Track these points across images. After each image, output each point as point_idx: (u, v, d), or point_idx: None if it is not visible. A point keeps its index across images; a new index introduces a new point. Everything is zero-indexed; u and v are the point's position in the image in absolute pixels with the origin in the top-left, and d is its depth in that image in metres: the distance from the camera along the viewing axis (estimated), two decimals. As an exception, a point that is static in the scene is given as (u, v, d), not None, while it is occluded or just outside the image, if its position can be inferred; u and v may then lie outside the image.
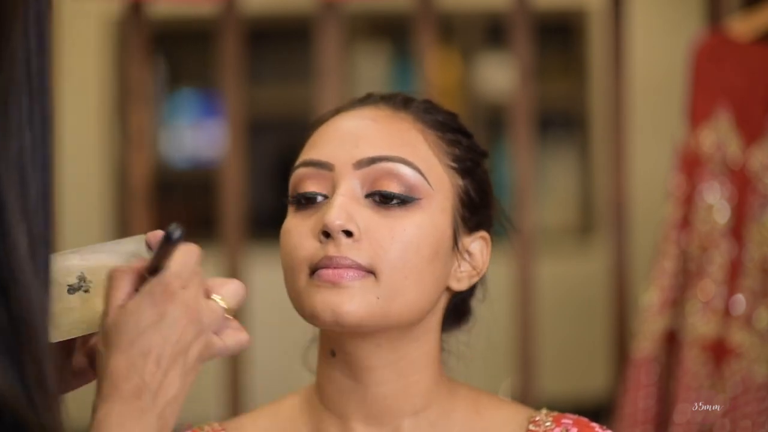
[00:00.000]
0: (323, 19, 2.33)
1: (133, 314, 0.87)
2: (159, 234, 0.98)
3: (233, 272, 2.34)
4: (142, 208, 2.34)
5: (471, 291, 1.10)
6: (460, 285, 1.06)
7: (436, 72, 2.35)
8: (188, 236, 0.90)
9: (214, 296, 0.90)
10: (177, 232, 0.88)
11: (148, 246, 0.98)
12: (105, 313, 0.88)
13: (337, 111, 1.08)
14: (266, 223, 3.91)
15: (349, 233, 0.99)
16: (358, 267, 0.99)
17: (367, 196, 1.01)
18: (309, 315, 1.00)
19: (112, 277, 0.90)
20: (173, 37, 4.37)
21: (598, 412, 2.08)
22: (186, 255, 0.90)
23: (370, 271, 0.99)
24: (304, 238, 1.01)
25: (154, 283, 0.88)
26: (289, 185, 1.05)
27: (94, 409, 0.86)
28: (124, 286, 0.89)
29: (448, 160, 1.05)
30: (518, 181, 2.31)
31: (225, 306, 0.91)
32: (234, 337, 0.92)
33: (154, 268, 0.89)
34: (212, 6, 2.51)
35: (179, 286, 0.88)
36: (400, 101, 1.07)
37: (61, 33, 2.41)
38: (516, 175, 2.32)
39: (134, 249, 0.97)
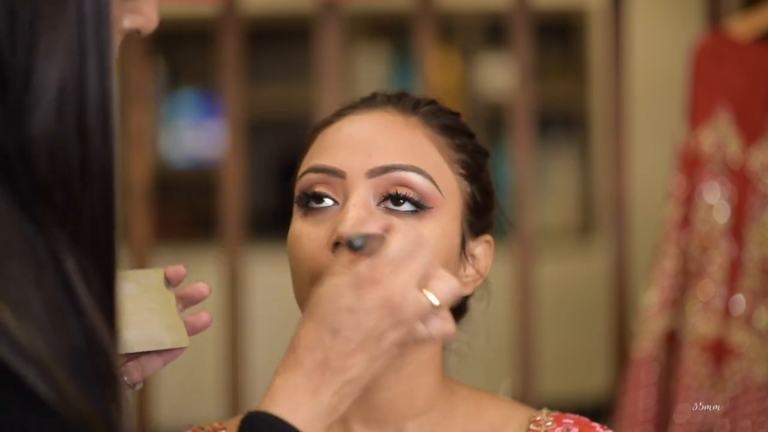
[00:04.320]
0: (323, 19, 2.33)
1: (335, 290, 0.89)
2: (179, 269, 1.00)
3: (233, 272, 2.34)
4: (142, 208, 2.34)
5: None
6: (466, 289, 1.05)
7: (436, 72, 2.35)
8: (188, 236, 0.91)
9: (426, 291, 0.90)
10: (358, 241, 0.89)
11: (167, 279, 0.98)
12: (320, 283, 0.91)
13: (341, 113, 1.06)
14: (266, 223, 3.91)
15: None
16: None
17: (380, 204, 1.00)
18: None
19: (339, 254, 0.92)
20: (173, 37, 4.37)
21: (598, 412, 2.07)
22: (404, 240, 0.90)
23: None
24: (316, 248, 0.99)
25: (363, 266, 0.89)
26: (294, 190, 1.03)
27: (276, 375, 0.88)
28: (341, 261, 0.91)
29: (459, 168, 1.04)
30: (518, 181, 2.31)
31: (436, 302, 0.90)
32: (439, 326, 0.91)
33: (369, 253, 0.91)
34: (212, 6, 2.51)
35: (388, 272, 0.88)
36: (409, 105, 1.05)
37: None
38: (516, 175, 2.32)
39: (153, 280, 0.98)
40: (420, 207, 1.00)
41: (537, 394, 2.30)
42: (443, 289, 0.91)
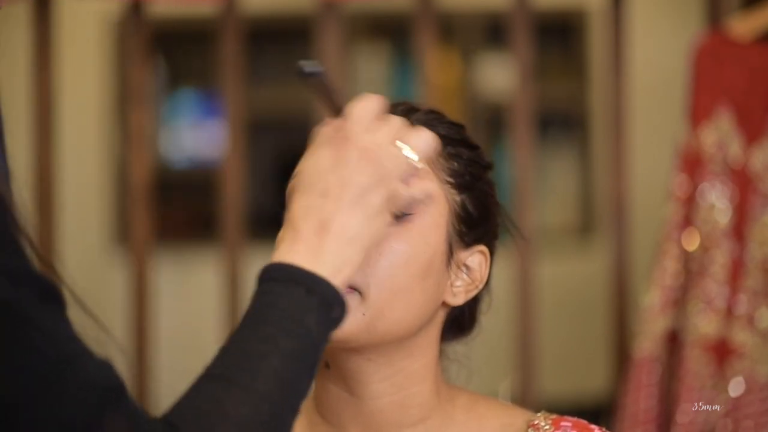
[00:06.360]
0: (323, 19, 2.32)
1: (312, 158, 0.90)
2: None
3: (233, 272, 2.34)
4: (142, 208, 2.34)
5: (473, 303, 1.07)
6: (456, 299, 1.04)
7: (436, 72, 2.35)
8: (188, 236, 0.90)
9: (400, 143, 0.90)
10: (308, 67, 0.89)
11: None
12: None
13: None
14: (266, 223, 3.91)
15: None
16: None
17: None
18: None
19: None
20: (173, 37, 4.37)
21: (599, 412, 2.07)
22: (369, 102, 0.91)
23: (355, 289, 0.97)
24: None
25: (332, 129, 0.90)
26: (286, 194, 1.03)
27: (275, 250, 0.88)
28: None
29: (445, 175, 1.03)
30: (518, 181, 2.31)
31: (414, 155, 0.91)
32: (420, 185, 0.92)
33: (336, 112, 0.92)
34: (212, 6, 2.51)
35: (361, 130, 0.89)
36: (401, 113, 1.03)
37: (61, 33, 2.41)
38: (516, 175, 2.32)
39: None
40: (398, 216, 0.98)
41: (537, 394, 2.30)
42: (419, 142, 0.91)
